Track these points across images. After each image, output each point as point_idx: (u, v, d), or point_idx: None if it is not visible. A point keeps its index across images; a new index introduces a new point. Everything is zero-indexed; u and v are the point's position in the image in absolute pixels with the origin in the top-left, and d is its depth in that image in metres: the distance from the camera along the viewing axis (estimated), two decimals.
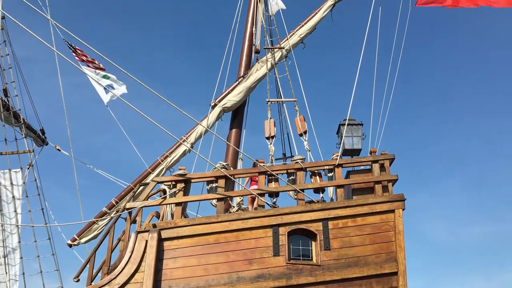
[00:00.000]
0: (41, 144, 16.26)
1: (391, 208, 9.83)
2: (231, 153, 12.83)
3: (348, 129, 11.20)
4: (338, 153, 10.57)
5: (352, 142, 11.23)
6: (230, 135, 13.35)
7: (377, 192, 10.04)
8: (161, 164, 12.46)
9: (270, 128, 11.98)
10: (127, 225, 10.29)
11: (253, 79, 13.43)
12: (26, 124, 15.38)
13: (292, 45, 13.87)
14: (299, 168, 10.32)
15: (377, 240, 9.61)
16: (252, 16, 14.80)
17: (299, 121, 12.22)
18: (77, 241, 12.07)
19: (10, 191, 14.79)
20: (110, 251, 10.63)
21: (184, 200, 10.06)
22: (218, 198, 10.01)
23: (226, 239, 9.43)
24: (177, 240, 9.37)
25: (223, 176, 10.13)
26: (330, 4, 14.42)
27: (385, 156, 10.38)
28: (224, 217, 9.60)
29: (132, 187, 12.12)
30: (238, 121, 13.63)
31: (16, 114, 15.13)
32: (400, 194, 9.99)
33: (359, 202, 9.85)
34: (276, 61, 13.60)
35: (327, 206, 9.81)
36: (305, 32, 14.11)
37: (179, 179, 10.06)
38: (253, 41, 14.43)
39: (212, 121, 12.97)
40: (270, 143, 11.82)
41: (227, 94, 13.32)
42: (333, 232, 9.58)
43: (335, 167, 10.33)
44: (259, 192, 10.04)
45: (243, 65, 14.16)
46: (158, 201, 10.00)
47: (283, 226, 9.53)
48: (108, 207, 12.01)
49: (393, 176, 10.21)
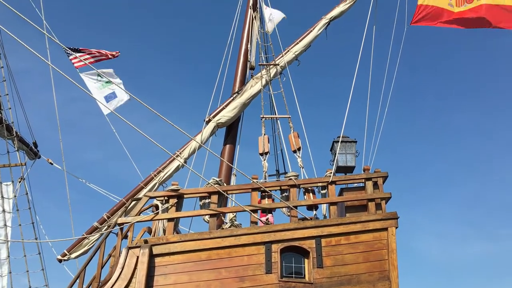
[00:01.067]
0: (33, 157, 16.13)
1: (384, 226, 9.80)
2: (225, 168, 12.81)
3: (342, 146, 11.21)
4: (331, 170, 10.58)
5: (346, 159, 11.23)
6: (224, 151, 13.33)
7: (370, 210, 10.02)
8: (154, 179, 12.39)
9: (264, 144, 11.99)
10: (118, 240, 10.17)
11: (248, 95, 13.48)
12: (18, 137, 15.27)
13: (286, 62, 13.97)
14: (293, 184, 10.30)
15: (370, 258, 9.56)
16: (248, 32, 14.93)
17: (293, 138, 12.23)
18: (67, 256, 11.90)
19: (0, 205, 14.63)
20: (100, 267, 10.47)
21: (176, 215, 9.99)
22: (211, 214, 9.94)
23: (218, 255, 9.34)
24: (168, 256, 9.27)
25: (216, 192, 10.08)
26: (325, 23, 14.57)
27: (378, 173, 10.39)
28: (216, 234, 9.53)
29: (124, 202, 12.02)
30: (232, 137, 13.63)
31: (9, 126, 15.03)
32: (393, 212, 9.98)
33: (352, 220, 9.82)
34: (271, 78, 13.67)
35: (320, 224, 9.76)
36: (299, 50, 14.23)
37: (172, 195, 10.00)
38: (248, 57, 14.53)
39: (206, 136, 12.96)
40: (264, 159, 11.82)
41: (221, 109, 13.34)
42: (326, 249, 9.52)
43: (328, 184, 10.32)
44: (252, 208, 9.99)
45: (238, 81, 14.23)
46: (150, 217, 9.91)
47: (275, 243, 9.47)
48: (100, 222, 11.90)
49: (386, 194, 10.20)
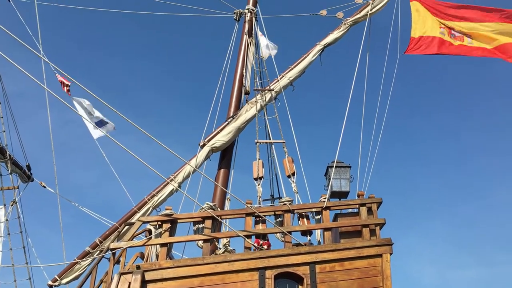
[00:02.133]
0: (26, 180, 16.04)
1: (379, 252, 9.75)
2: (219, 193, 12.75)
3: (336, 172, 11.24)
4: (325, 196, 10.56)
5: (340, 184, 11.25)
6: (218, 175, 13.31)
7: (365, 235, 9.98)
8: (148, 203, 12.32)
9: (259, 169, 12.00)
10: (110, 266, 10.03)
11: (243, 120, 13.54)
12: (12, 160, 15.22)
13: (281, 87, 14.09)
14: (287, 210, 10.27)
15: (365, 285, 9.47)
16: (243, 57, 15.09)
17: (287, 163, 12.26)
18: (58, 282, 11.71)
19: None
20: None
21: (169, 240, 9.90)
22: (205, 239, 9.87)
23: (211, 282, 9.22)
24: (161, 283, 9.13)
25: (210, 216, 10.02)
26: (319, 49, 14.75)
27: (372, 199, 10.38)
28: (210, 259, 9.43)
29: (117, 226, 11.92)
30: (227, 161, 13.62)
31: (2, 149, 14.99)
32: (388, 238, 9.94)
33: (347, 246, 9.76)
34: (266, 103, 13.77)
35: (314, 249, 9.69)
36: (294, 75, 14.37)
37: (166, 219, 9.93)
38: (243, 82, 14.65)
39: (201, 160, 12.95)
40: (258, 184, 11.80)
41: (216, 134, 13.37)
42: (320, 276, 9.43)
43: (322, 210, 10.29)
44: (246, 233, 9.93)
45: (233, 106, 14.31)
46: (143, 242, 9.82)
47: (269, 269, 9.37)
48: (92, 247, 11.76)
49: (380, 220, 10.18)
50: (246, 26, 15.74)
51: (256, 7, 16.27)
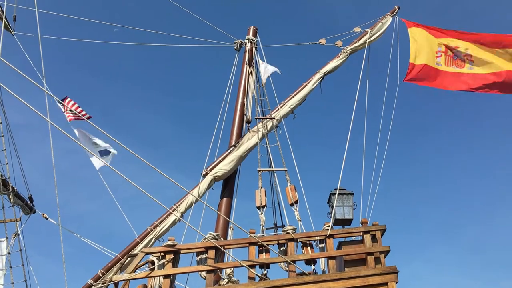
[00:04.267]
0: (28, 212, 16.00)
1: (384, 281, 9.62)
2: (222, 222, 12.68)
3: (339, 199, 11.22)
4: (329, 224, 10.51)
5: (343, 211, 11.21)
6: (221, 204, 13.26)
7: (370, 264, 9.88)
8: (150, 233, 12.24)
9: (261, 198, 11.96)
10: None
11: (244, 148, 13.58)
12: (14, 192, 15.21)
13: (282, 116, 14.18)
14: (291, 238, 10.21)
15: None
16: (244, 87, 15.24)
17: (290, 191, 12.23)
18: None
19: None
20: None
21: (172, 272, 9.81)
22: (208, 270, 9.78)
23: None
24: None
25: (213, 247, 9.96)
26: (319, 77, 14.92)
27: (376, 227, 10.31)
28: None
29: (119, 258, 11.81)
30: (229, 190, 13.60)
31: (5, 182, 15.00)
32: (393, 266, 9.82)
33: (352, 275, 9.64)
34: (267, 131, 13.84)
35: (319, 279, 9.59)
36: (295, 103, 14.48)
37: (168, 250, 9.87)
38: (245, 111, 14.76)
39: (203, 190, 12.93)
40: (261, 213, 11.76)
41: (218, 163, 13.38)
42: None
43: (326, 238, 10.22)
44: (250, 263, 9.84)
45: (235, 134, 14.37)
46: (146, 273, 9.74)
47: None
48: (94, 279, 11.61)
49: (385, 248, 10.09)
50: (247, 55, 15.95)
51: (256, 37, 16.53)
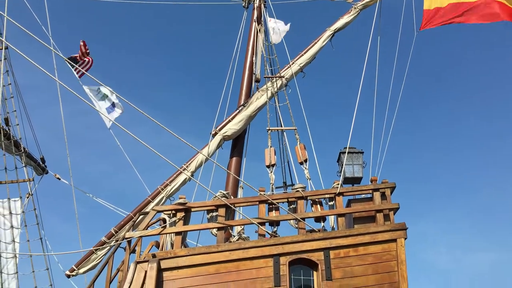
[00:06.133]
0: (41, 172, 16.22)
1: (393, 237, 9.72)
2: (232, 181, 12.79)
3: (349, 157, 11.20)
4: (338, 182, 10.53)
5: (353, 170, 11.22)
6: (231, 164, 13.33)
7: (379, 221, 9.95)
8: (161, 192, 12.39)
9: (271, 156, 11.97)
10: (126, 255, 10.16)
11: (254, 108, 13.51)
12: (26, 153, 15.38)
13: (292, 74, 14.01)
14: (300, 196, 10.27)
15: (379, 270, 9.47)
16: (253, 45, 15.02)
17: (299, 150, 12.21)
18: (76, 272, 11.90)
19: (8, 220, 14.68)
20: (108, 282, 10.47)
21: (184, 229, 9.96)
22: (219, 227, 9.92)
23: (226, 269, 9.29)
24: (176, 271, 9.22)
25: (224, 205, 10.06)
26: (329, 34, 14.62)
27: (386, 184, 10.32)
28: (224, 247, 9.49)
29: (131, 216, 12.03)
30: (239, 150, 13.63)
31: (16, 143, 15.15)
32: (402, 223, 9.90)
33: (361, 231, 9.74)
34: (276, 90, 13.71)
35: (328, 235, 9.70)
36: (304, 61, 14.27)
37: (179, 208, 9.99)
38: (254, 70, 14.59)
39: (213, 149, 12.97)
40: (271, 172, 11.79)
41: (227, 122, 13.37)
42: (335, 262, 9.44)
43: (336, 196, 10.27)
44: (260, 221, 9.96)
45: (244, 94, 14.28)
46: (158, 231, 9.90)
47: (284, 256, 9.41)
48: (107, 237, 11.90)
49: (394, 205, 10.13)
50: (255, 13, 15.64)
51: None
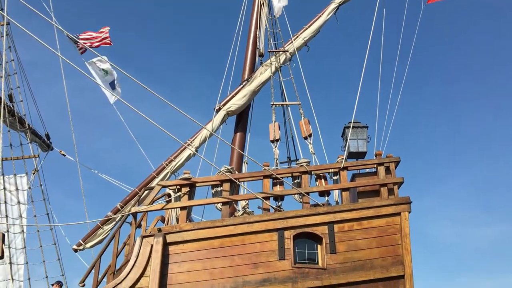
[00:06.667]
0: (46, 149, 16.29)
1: (397, 211, 9.77)
2: (236, 156, 12.80)
3: (353, 132, 11.15)
4: (343, 156, 10.53)
5: (357, 145, 11.18)
6: (235, 139, 13.32)
7: (383, 195, 9.98)
8: (166, 168, 12.44)
9: (275, 131, 11.95)
10: (132, 229, 10.28)
11: (257, 83, 13.42)
12: (31, 129, 15.41)
13: (296, 48, 13.86)
14: (304, 171, 10.29)
15: (383, 243, 9.55)
16: (256, 19, 14.80)
17: (303, 124, 12.18)
18: (83, 246, 12.06)
19: (15, 196, 14.82)
20: (115, 256, 10.61)
21: (189, 204, 10.05)
22: (223, 202, 9.98)
23: (231, 243, 9.39)
24: (182, 245, 9.34)
25: (228, 179, 10.10)
26: (334, 7, 14.40)
27: (390, 158, 10.32)
28: (229, 221, 9.57)
29: (137, 192, 12.11)
30: (243, 125, 13.60)
31: (21, 119, 15.17)
32: (406, 196, 9.93)
33: (365, 205, 9.79)
34: (280, 64, 13.59)
35: (332, 210, 9.76)
36: (309, 35, 14.10)
37: (184, 183, 10.04)
38: (257, 44, 14.42)
39: (217, 125, 12.95)
40: (275, 147, 11.79)
41: (231, 97, 13.30)
42: (339, 235, 9.52)
43: (340, 170, 10.29)
44: (264, 195, 10.00)
45: (247, 69, 14.16)
46: (163, 205, 9.98)
47: (288, 230, 9.49)
48: (113, 212, 12.01)
49: (398, 179, 10.15)
50: None
51: None
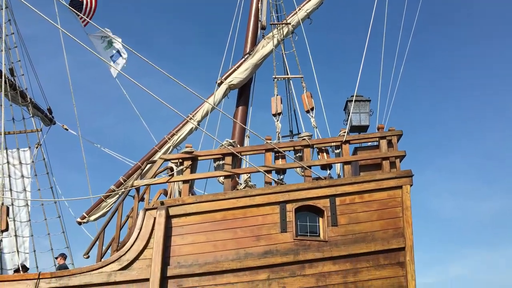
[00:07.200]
0: (48, 123, 16.30)
1: (399, 184, 9.80)
2: (238, 130, 12.77)
3: (356, 106, 11.09)
4: (345, 130, 10.51)
5: (360, 118, 11.14)
6: (237, 113, 13.27)
7: (385, 168, 10.00)
8: (168, 142, 12.44)
9: (277, 105, 11.90)
10: (135, 202, 10.37)
11: (259, 56, 13.28)
12: (33, 103, 15.38)
13: (299, 20, 13.66)
14: (306, 145, 10.29)
15: (384, 216, 9.62)
16: None
17: (306, 98, 12.11)
18: (86, 219, 12.19)
19: (18, 170, 14.90)
20: (119, 229, 10.75)
21: (191, 177, 10.09)
22: (225, 175, 10.03)
23: (233, 216, 9.48)
24: (185, 217, 9.44)
25: (230, 153, 10.12)
26: None
27: (392, 132, 10.30)
28: (231, 194, 9.64)
29: (139, 165, 12.15)
30: (245, 99, 13.52)
31: (23, 93, 15.11)
32: (408, 170, 9.94)
33: (366, 179, 9.82)
34: (283, 37, 13.42)
35: (334, 183, 9.80)
36: (311, 7, 13.88)
37: (186, 157, 10.07)
38: (259, 17, 14.21)
39: (219, 98, 12.88)
40: (277, 120, 11.76)
41: (233, 71, 13.18)
42: (340, 208, 9.59)
43: (342, 144, 10.28)
44: (266, 169, 10.04)
45: (249, 42, 13.98)
46: (165, 179, 10.04)
47: (290, 203, 9.56)
48: (116, 185, 12.08)
49: (400, 152, 10.15)
50: None
51: None
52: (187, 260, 9.13)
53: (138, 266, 9.01)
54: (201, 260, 9.12)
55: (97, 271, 9.02)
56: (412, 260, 9.37)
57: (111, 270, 9.00)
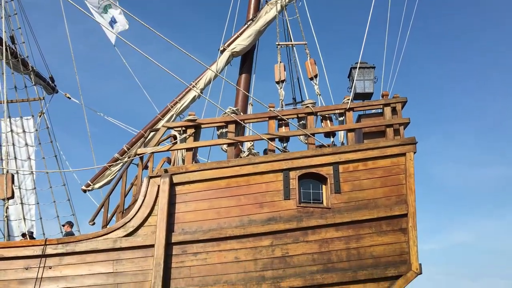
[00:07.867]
0: (51, 92, 16.24)
1: (402, 151, 9.79)
2: (241, 98, 12.68)
3: (360, 73, 10.97)
4: (349, 97, 10.43)
5: (364, 85, 11.02)
6: (240, 80, 13.15)
7: (389, 135, 9.97)
8: (171, 110, 12.39)
9: (280, 72, 11.78)
10: (139, 170, 10.42)
11: (263, 22, 13.04)
12: (35, 71, 15.29)
13: None
14: (310, 112, 10.24)
15: (387, 183, 9.64)
16: None
17: (309, 65, 11.97)
18: (91, 187, 12.29)
19: (22, 138, 14.94)
20: (123, 196, 10.84)
21: (194, 145, 10.11)
22: (229, 143, 10.02)
23: (237, 183, 9.52)
24: (188, 185, 9.49)
25: (233, 121, 10.09)
26: None
27: (397, 99, 10.23)
28: (234, 162, 9.66)
29: (142, 134, 12.15)
30: (248, 66, 13.37)
31: (24, 61, 15.01)
32: (412, 137, 9.91)
33: (370, 146, 9.80)
34: (286, 3, 13.15)
35: (337, 150, 9.79)
36: None
37: (189, 125, 10.06)
38: None
39: (221, 66, 12.74)
40: (280, 88, 11.67)
41: (236, 38, 12.99)
42: (344, 175, 9.61)
43: (346, 111, 10.23)
44: (269, 136, 10.02)
45: (252, 8, 13.72)
46: (169, 147, 10.05)
47: (293, 170, 9.58)
48: (120, 153, 12.12)
49: (405, 120, 10.10)
50: None
51: None
52: (191, 226, 9.23)
53: (143, 233, 9.13)
54: (205, 227, 9.22)
55: (102, 237, 9.15)
56: (414, 226, 9.45)
57: (117, 236, 9.13)
